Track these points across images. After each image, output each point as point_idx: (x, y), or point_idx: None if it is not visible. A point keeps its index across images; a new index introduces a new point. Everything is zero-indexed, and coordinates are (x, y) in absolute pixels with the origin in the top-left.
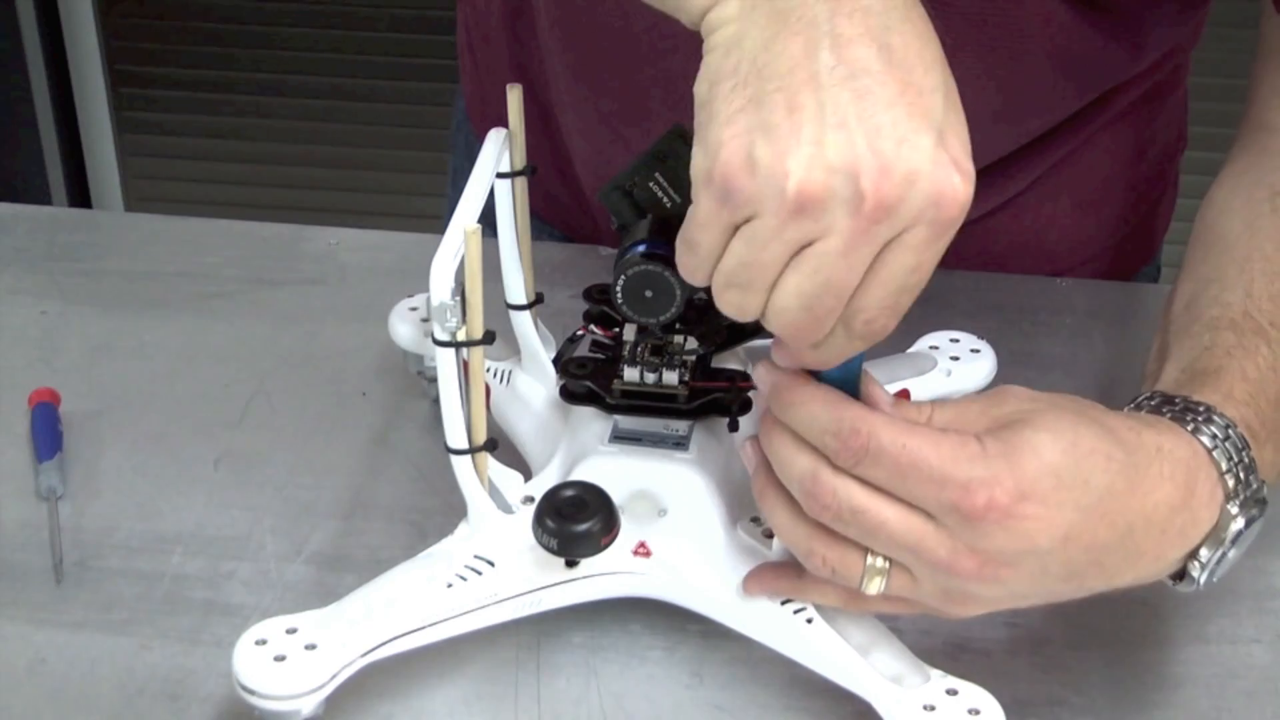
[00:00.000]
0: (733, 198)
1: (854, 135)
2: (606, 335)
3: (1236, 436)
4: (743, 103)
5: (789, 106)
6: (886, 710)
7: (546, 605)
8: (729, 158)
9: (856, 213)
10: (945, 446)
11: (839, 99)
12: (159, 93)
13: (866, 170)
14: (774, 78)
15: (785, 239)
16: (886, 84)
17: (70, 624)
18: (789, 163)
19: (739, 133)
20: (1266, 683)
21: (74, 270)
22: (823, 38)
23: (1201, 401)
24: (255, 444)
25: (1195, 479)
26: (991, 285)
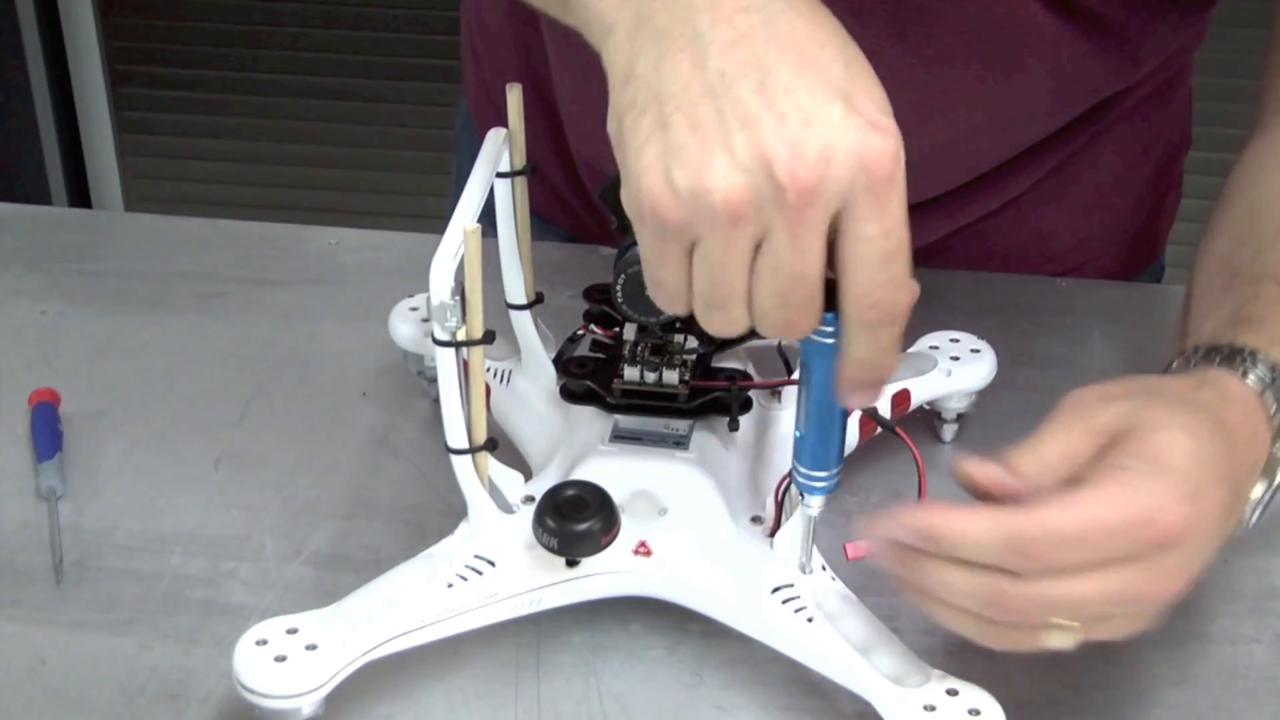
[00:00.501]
0: (667, 227)
1: (759, 131)
2: (606, 335)
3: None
4: (649, 131)
5: (691, 123)
6: (886, 710)
7: (546, 605)
8: (650, 189)
9: (784, 205)
10: (1110, 494)
11: (737, 101)
12: (159, 93)
13: (779, 160)
14: (670, 98)
15: (736, 250)
16: (780, 72)
17: (70, 624)
18: (706, 179)
19: (653, 162)
20: (1266, 683)
21: (74, 270)
22: (707, 47)
23: (1245, 345)
24: (255, 444)
25: (1254, 419)
26: (991, 285)
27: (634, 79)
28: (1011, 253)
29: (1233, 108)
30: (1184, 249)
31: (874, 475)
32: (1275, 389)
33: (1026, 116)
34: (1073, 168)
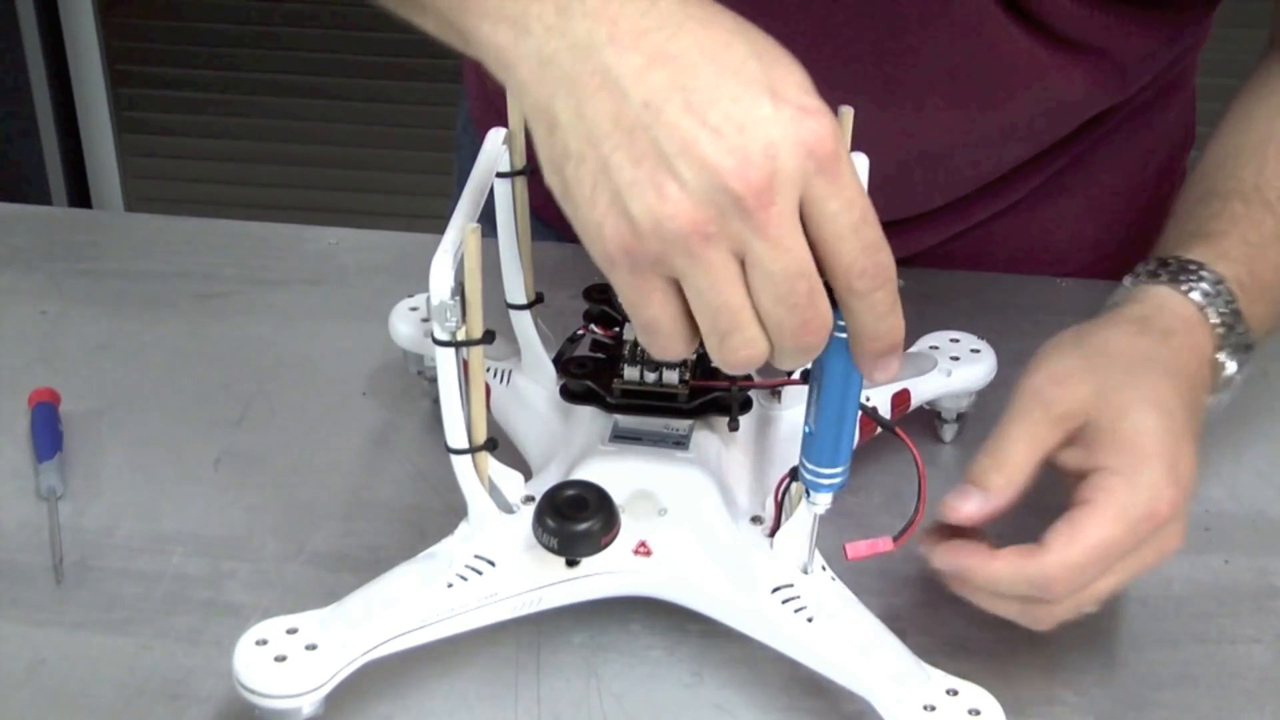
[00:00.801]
0: (641, 260)
1: (699, 149)
2: (606, 335)
3: (1226, 291)
4: (593, 177)
5: (633, 159)
6: (886, 710)
7: (547, 604)
8: (613, 233)
9: (746, 211)
10: (1108, 510)
11: (669, 126)
12: (159, 93)
13: (727, 171)
14: (604, 139)
15: (720, 268)
16: (699, 86)
17: (70, 624)
18: (664, 208)
19: (608, 207)
20: (1266, 683)
21: (74, 270)
22: (621, 80)
23: (1193, 259)
24: (255, 444)
25: (1198, 336)
26: (991, 285)
27: (559, 128)
28: (1015, 255)
29: None
30: None
31: (874, 475)
32: (1217, 302)
33: (1020, 135)
34: (1076, 171)
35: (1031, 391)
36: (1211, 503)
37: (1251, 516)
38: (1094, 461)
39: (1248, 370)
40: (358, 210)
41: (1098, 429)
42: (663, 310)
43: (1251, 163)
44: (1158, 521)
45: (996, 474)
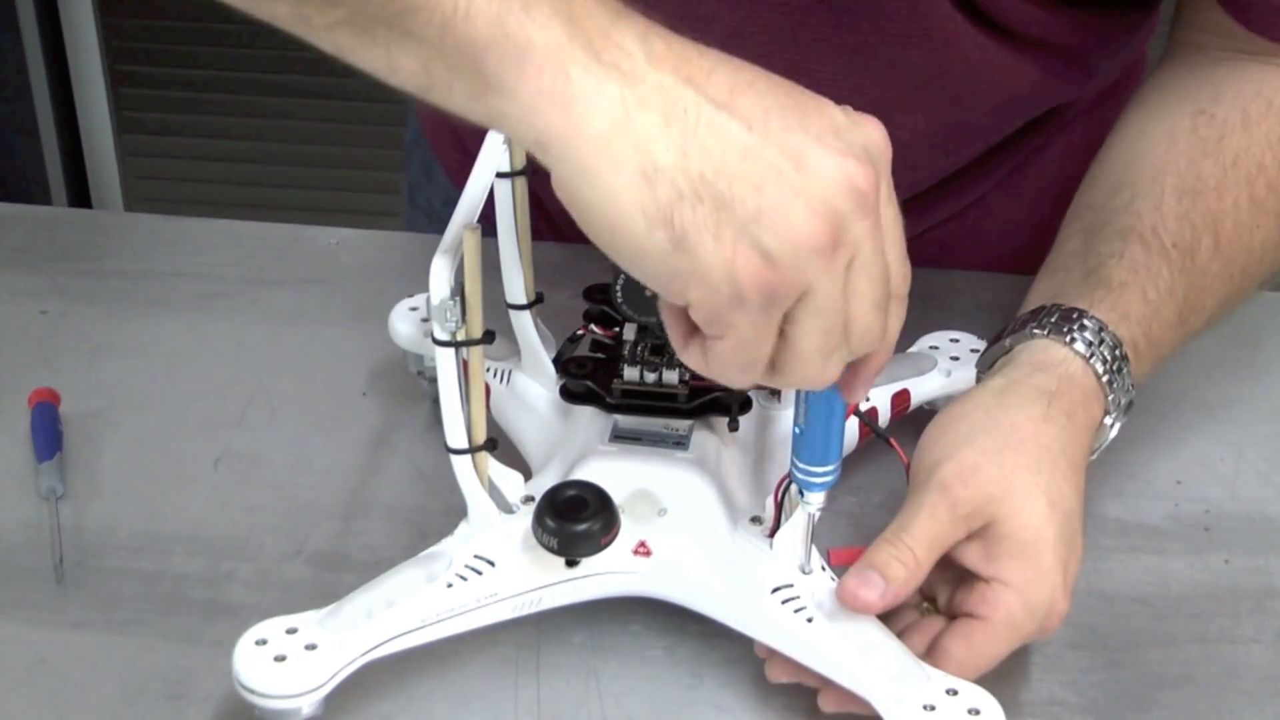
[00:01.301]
0: (778, 296)
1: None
2: (606, 335)
3: (1121, 357)
4: (712, 213)
5: (753, 185)
6: (886, 710)
7: (546, 605)
8: (747, 271)
9: (865, 209)
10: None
11: (780, 143)
12: (159, 93)
13: (848, 173)
14: (718, 174)
15: (842, 282)
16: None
17: (70, 624)
18: (797, 230)
19: (735, 243)
20: (1266, 683)
21: (74, 270)
22: (716, 111)
23: (1097, 318)
24: (255, 444)
25: (1091, 404)
26: (991, 285)
27: (661, 171)
28: (977, 249)
29: None
30: None
31: (873, 475)
32: (1114, 369)
33: (978, 131)
34: (1035, 163)
35: (939, 486)
36: (1211, 503)
37: (1251, 516)
38: (992, 570)
39: None
40: (358, 210)
41: (1000, 535)
42: (769, 349)
43: (1148, 197)
44: (1046, 634)
45: (899, 566)
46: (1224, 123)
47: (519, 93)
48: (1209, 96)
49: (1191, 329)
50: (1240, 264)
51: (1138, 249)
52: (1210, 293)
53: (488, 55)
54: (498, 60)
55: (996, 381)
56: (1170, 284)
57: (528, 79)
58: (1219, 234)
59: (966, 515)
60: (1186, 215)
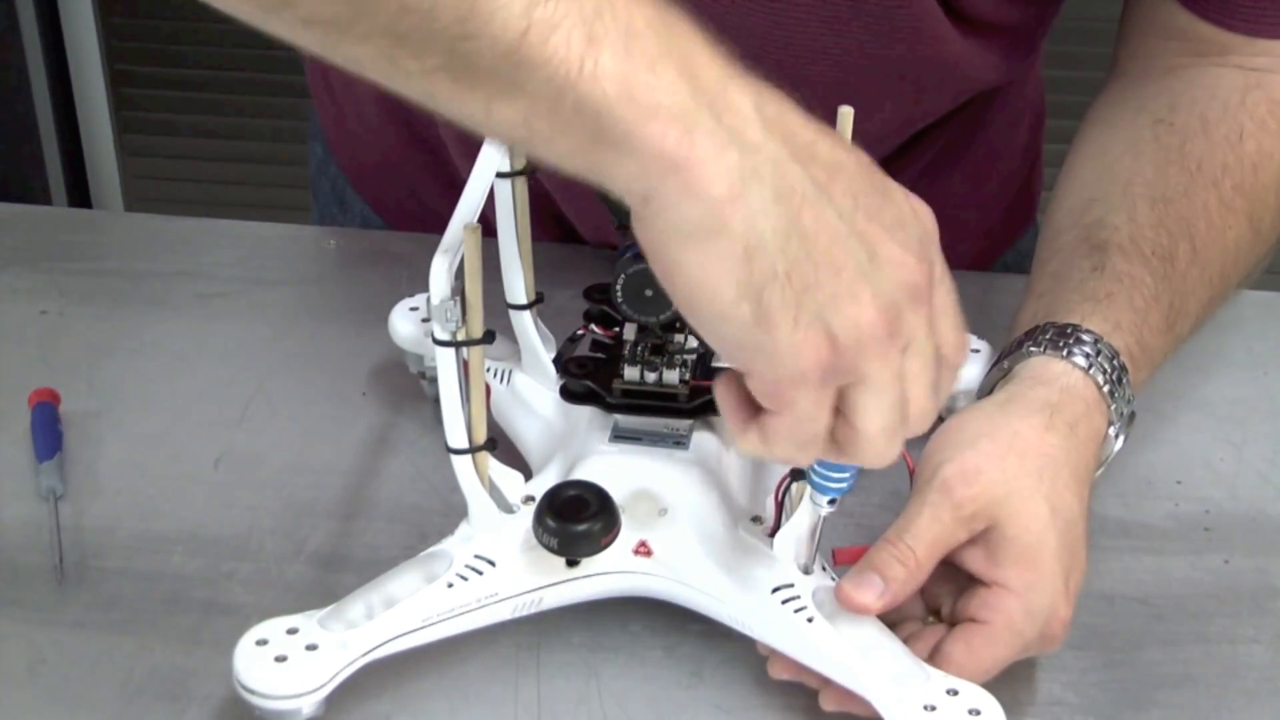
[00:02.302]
0: (835, 373)
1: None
2: (606, 335)
3: (1119, 366)
4: (797, 297)
5: (834, 271)
6: (886, 710)
7: (547, 605)
8: (812, 352)
9: (920, 301)
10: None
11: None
12: (159, 93)
13: (909, 266)
14: (808, 258)
15: (897, 369)
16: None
17: (70, 624)
18: (864, 315)
19: (809, 326)
20: (1266, 683)
21: (74, 270)
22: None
23: (1092, 331)
24: (255, 444)
25: (1094, 416)
26: (991, 285)
27: (763, 249)
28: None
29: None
30: None
31: (873, 475)
32: (1114, 380)
33: (934, 115)
34: (960, 142)
35: (942, 486)
36: (1211, 503)
37: (1251, 516)
38: (994, 574)
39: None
40: None
41: (1002, 538)
42: (826, 424)
43: (1121, 209)
44: (1048, 643)
45: (899, 566)
46: (1184, 129)
47: (639, 152)
48: (1165, 106)
49: (1178, 335)
50: (1218, 265)
51: (1119, 260)
52: (1193, 297)
53: (611, 115)
54: (621, 120)
55: (999, 396)
56: (1154, 290)
57: (651, 139)
58: (1194, 238)
59: (969, 516)
60: (1161, 223)
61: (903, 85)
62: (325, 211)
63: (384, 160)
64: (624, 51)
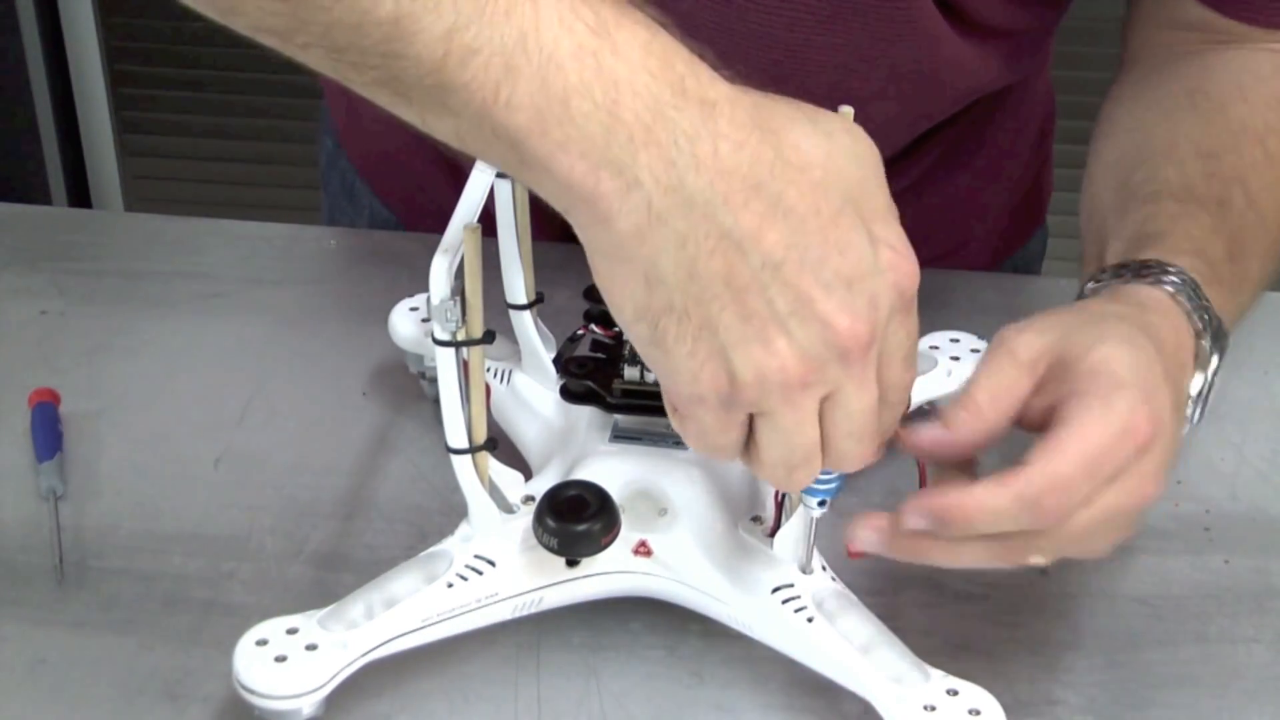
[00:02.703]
0: (733, 404)
1: (812, 309)
2: (607, 335)
3: (1189, 279)
4: (695, 332)
5: (742, 317)
6: (886, 710)
7: (547, 605)
8: (710, 381)
9: (849, 362)
10: (1087, 424)
11: (784, 287)
12: (159, 93)
13: (839, 328)
14: (713, 299)
15: (807, 413)
16: (809, 246)
17: (70, 624)
18: (771, 363)
19: (708, 359)
20: (1266, 683)
21: (74, 270)
22: (741, 243)
23: (1150, 259)
24: (255, 444)
25: (1175, 320)
26: (991, 285)
27: (662, 285)
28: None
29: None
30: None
31: (874, 475)
32: (1187, 290)
33: (938, 118)
34: (966, 145)
35: (998, 342)
36: (1211, 503)
37: (1251, 516)
38: (1064, 392)
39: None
40: None
41: (1066, 364)
42: (736, 438)
43: (1169, 163)
44: (1138, 440)
45: (961, 411)
46: (1220, 96)
47: (554, 174)
48: (1197, 76)
49: (1246, 271)
50: (1274, 216)
51: (1170, 204)
52: (1253, 239)
53: (526, 145)
54: (535, 151)
55: None
56: (1212, 226)
57: (561, 171)
58: (1247, 186)
59: (1028, 361)
60: (1212, 174)
61: (903, 86)
62: (335, 204)
63: (393, 154)
64: (540, 83)
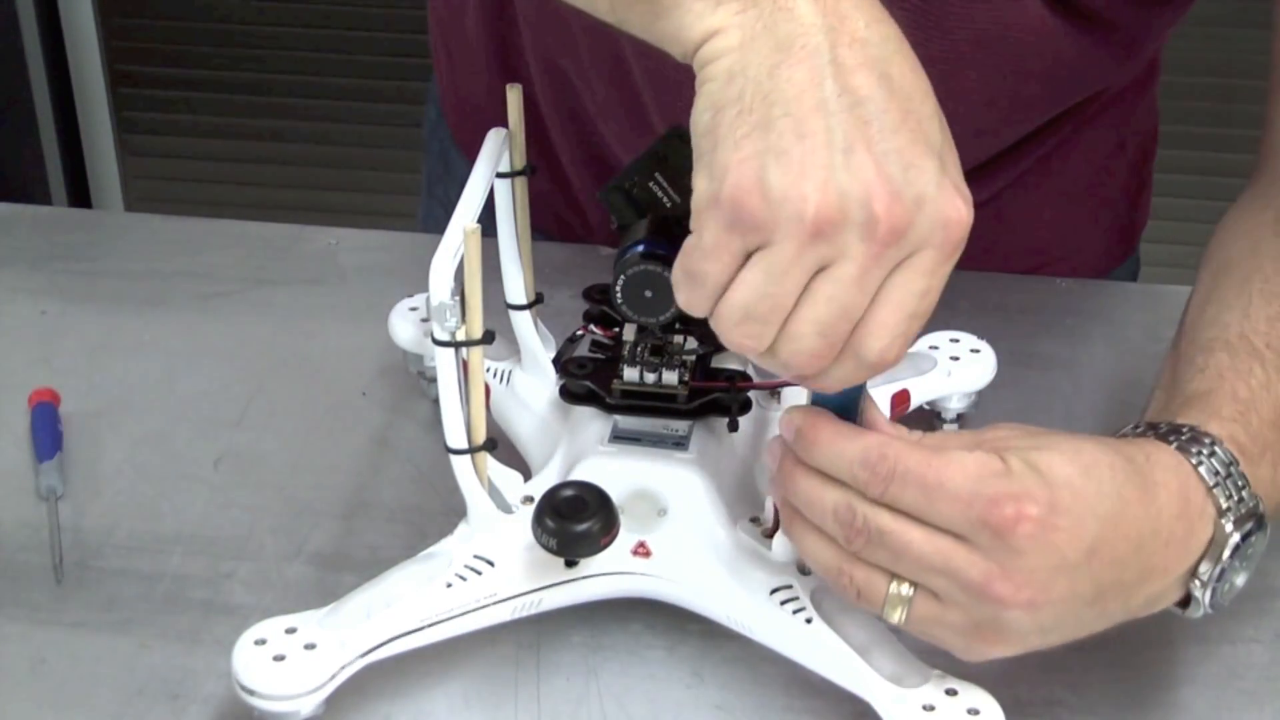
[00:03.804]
0: (744, 222)
1: (864, 160)
2: (606, 335)
3: (1223, 452)
4: (749, 128)
5: (798, 132)
6: (886, 710)
7: (546, 605)
8: (739, 181)
9: (871, 236)
10: (971, 464)
11: (846, 125)
12: (159, 93)
13: (878, 195)
14: (780, 103)
15: (803, 265)
16: (889, 111)
17: (70, 624)
18: (804, 187)
19: (748, 157)
20: (1266, 683)
21: (74, 270)
22: (826, 66)
23: (1184, 423)
24: (255, 444)
25: (1187, 488)
26: (991, 285)
27: (743, 77)
28: (994, 246)
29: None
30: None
31: None
32: (1210, 463)
33: (1022, 115)
34: (1056, 159)
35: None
36: None
37: None
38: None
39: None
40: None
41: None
42: (720, 272)
43: (1235, 306)
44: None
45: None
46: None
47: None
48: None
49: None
50: None
51: (1223, 357)
52: None
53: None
54: None
55: None
56: (1265, 380)
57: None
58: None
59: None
60: (1278, 317)
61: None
62: (432, 170)
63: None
64: None
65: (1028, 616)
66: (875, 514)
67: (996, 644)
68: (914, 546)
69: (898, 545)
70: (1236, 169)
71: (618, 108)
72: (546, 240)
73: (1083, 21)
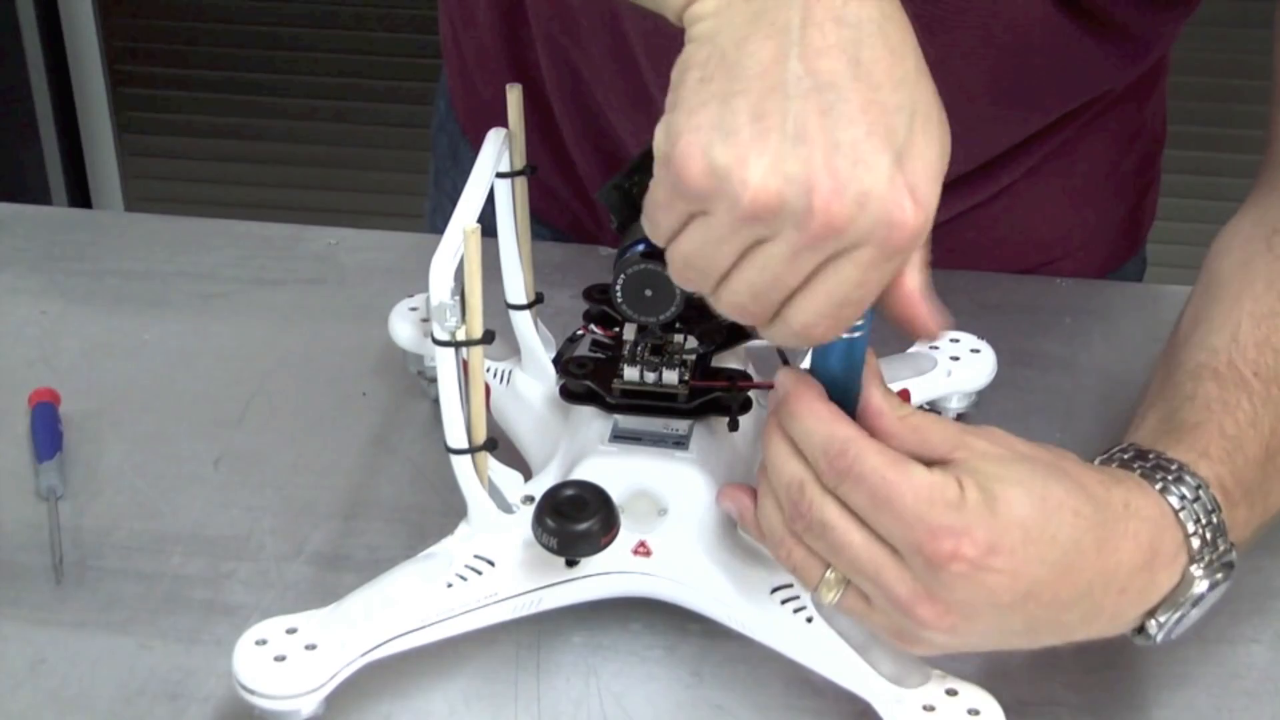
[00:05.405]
0: (685, 191)
1: (812, 151)
2: (606, 335)
3: (1207, 498)
4: (706, 97)
5: (753, 113)
6: (886, 710)
7: (546, 605)
8: (687, 150)
9: (804, 227)
10: (924, 487)
11: (802, 111)
12: (159, 93)
13: (819, 188)
14: (741, 79)
15: (737, 239)
16: (850, 100)
17: (70, 624)
18: (746, 170)
19: (699, 127)
20: (1266, 683)
21: (74, 270)
22: (793, 45)
23: (1175, 459)
24: (255, 444)
25: (1161, 539)
26: (991, 285)
27: (712, 43)
28: (1001, 242)
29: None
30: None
31: None
32: (1193, 508)
33: (1027, 109)
34: (1061, 157)
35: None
36: None
37: None
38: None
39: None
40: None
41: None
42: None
43: (1224, 329)
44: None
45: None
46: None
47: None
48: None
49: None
50: None
51: (1211, 387)
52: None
53: None
54: None
55: None
56: (1252, 415)
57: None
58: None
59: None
60: (1266, 340)
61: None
62: (440, 165)
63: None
64: None
65: (949, 638)
66: (824, 504)
67: (916, 648)
68: (851, 549)
69: (837, 542)
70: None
71: (627, 103)
72: (555, 239)
73: (1089, 20)
